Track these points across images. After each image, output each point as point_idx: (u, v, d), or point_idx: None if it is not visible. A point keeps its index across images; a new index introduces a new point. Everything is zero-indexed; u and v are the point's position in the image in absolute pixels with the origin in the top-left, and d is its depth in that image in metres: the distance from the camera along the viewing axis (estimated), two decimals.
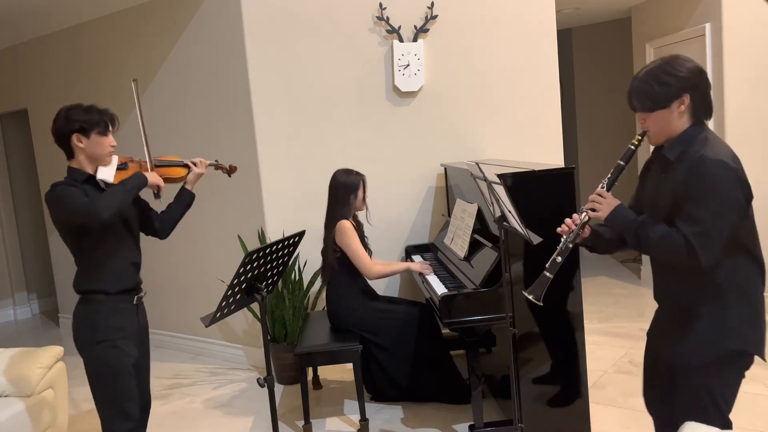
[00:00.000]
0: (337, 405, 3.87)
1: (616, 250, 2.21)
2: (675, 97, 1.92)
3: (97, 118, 2.50)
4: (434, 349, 3.63)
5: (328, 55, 4.31)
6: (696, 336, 1.96)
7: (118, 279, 2.56)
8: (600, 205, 2.02)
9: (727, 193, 1.83)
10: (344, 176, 3.68)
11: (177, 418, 3.87)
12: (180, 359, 4.91)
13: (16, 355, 3.21)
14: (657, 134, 2.00)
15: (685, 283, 1.98)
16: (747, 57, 4.62)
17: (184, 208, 2.83)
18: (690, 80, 1.92)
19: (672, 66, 1.93)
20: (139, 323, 2.67)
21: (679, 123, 1.95)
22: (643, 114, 1.99)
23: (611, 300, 5.43)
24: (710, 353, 1.94)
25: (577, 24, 7.07)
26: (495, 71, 4.43)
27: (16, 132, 6.54)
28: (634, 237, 1.97)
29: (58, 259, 6.03)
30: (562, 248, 2.05)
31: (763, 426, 3.13)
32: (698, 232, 1.82)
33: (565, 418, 3.04)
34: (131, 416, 2.56)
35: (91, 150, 2.51)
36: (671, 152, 1.96)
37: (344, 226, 3.58)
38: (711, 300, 1.94)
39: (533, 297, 2.08)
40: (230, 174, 3.08)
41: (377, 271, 3.62)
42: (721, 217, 1.82)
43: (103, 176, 2.54)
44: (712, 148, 1.89)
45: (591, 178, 7.24)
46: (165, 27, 4.68)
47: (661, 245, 1.90)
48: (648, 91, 1.94)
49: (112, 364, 2.53)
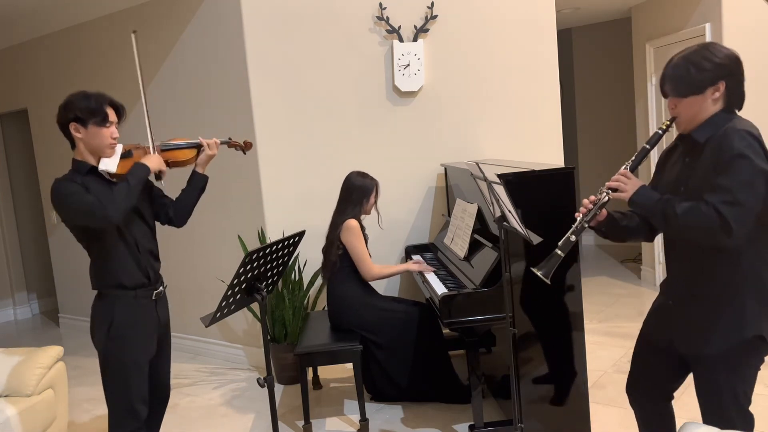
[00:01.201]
0: (337, 405, 3.87)
1: (629, 238, 2.17)
2: (710, 84, 1.89)
3: (95, 107, 2.39)
4: (434, 349, 3.63)
5: (328, 55, 4.31)
6: (718, 325, 1.93)
7: (133, 272, 2.49)
8: (625, 185, 1.96)
9: (754, 161, 1.78)
10: (360, 179, 3.68)
11: (177, 418, 3.87)
12: (180, 359, 4.90)
13: (15, 355, 3.21)
14: (688, 120, 1.95)
15: (710, 272, 1.94)
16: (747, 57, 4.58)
17: (198, 193, 2.72)
18: (728, 67, 1.89)
19: (710, 51, 1.89)
20: (159, 318, 2.60)
21: (711, 110, 1.92)
22: (676, 99, 1.94)
23: (611, 300, 5.43)
24: (732, 342, 1.91)
25: (577, 24, 7.07)
26: (495, 71, 4.43)
27: (16, 132, 6.54)
28: (660, 215, 1.90)
29: (58, 259, 6.03)
30: (578, 227, 2.00)
31: (763, 426, 3.12)
32: (727, 200, 1.76)
33: (565, 418, 3.04)
34: (139, 416, 2.51)
35: (89, 141, 2.42)
36: (701, 135, 1.92)
37: (352, 224, 3.59)
38: (734, 289, 1.91)
39: (542, 273, 2.01)
40: (245, 151, 2.92)
41: (376, 273, 3.63)
42: (750, 186, 1.76)
43: (105, 167, 2.45)
44: (736, 121, 1.88)
45: (591, 178, 7.25)
46: (165, 27, 4.68)
47: (690, 219, 1.82)
48: (683, 76, 1.90)
49: (124, 360, 2.47)
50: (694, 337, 1.99)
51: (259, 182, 4.32)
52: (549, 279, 2.02)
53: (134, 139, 2.81)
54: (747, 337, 1.90)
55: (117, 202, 2.33)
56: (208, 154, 2.72)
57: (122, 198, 2.35)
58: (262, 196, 4.33)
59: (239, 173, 4.40)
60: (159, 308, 2.61)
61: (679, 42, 5.09)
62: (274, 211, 4.34)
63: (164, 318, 2.65)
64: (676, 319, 2.07)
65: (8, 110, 6.23)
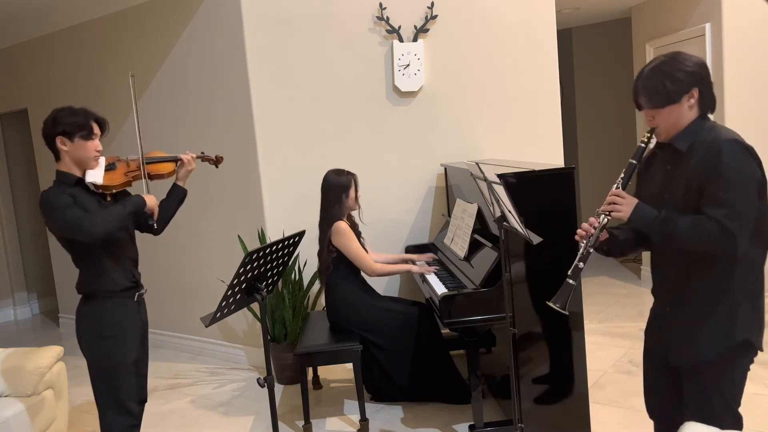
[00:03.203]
0: (337, 405, 3.87)
1: (630, 252, 2.20)
2: (686, 92, 1.94)
3: (82, 122, 2.50)
4: (434, 349, 3.62)
5: (328, 55, 4.31)
6: (709, 331, 1.96)
7: (119, 278, 2.60)
8: (621, 206, 1.98)
9: (748, 170, 1.85)
10: (335, 176, 3.68)
11: (177, 418, 3.87)
12: (180, 359, 4.90)
13: (16, 355, 3.21)
14: (667, 129, 1.99)
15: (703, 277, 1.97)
16: (747, 57, 4.62)
17: (176, 204, 2.85)
18: (699, 74, 1.94)
19: (679, 61, 1.95)
20: (141, 320, 2.71)
21: (689, 116, 1.97)
22: (652, 111, 1.98)
23: (611, 300, 5.43)
24: (722, 347, 1.94)
25: (577, 24, 7.07)
26: (495, 71, 4.43)
27: (16, 132, 6.54)
28: (659, 233, 1.94)
29: (58, 259, 6.03)
30: (583, 253, 2.01)
31: (763, 426, 3.12)
32: (730, 214, 1.82)
33: (565, 418, 3.04)
34: (132, 412, 2.61)
35: (74, 153, 2.53)
36: (682, 143, 1.97)
37: (340, 227, 3.58)
38: (727, 293, 1.94)
39: (558, 306, 2.01)
40: (217, 165, 3.04)
41: (378, 269, 3.62)
42: (747, 196, 1.83)
43: (92, 179, 2.56)
44: (721, 131, 1.93)
45: (591, 178, 7.24)
46: (165, 27, 4.68)
47: (693, 235, 1.86)
48: (658, 88, 1.94)
49: (115, 360, 2.57)
50: (684, 347, 2.02)
51: (259, 182, 4.32)
52: (566, 309, 2.02)
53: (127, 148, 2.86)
54: (737, 341, 1.94)
55: (107, 222, 2.45)
56: (187, 169, 2.84)
57: (113, 219, 2.47)
58: (262, 196, 4.33)
59: (239, 173, 4.40)
60: (141, 310, 2.73)
61: (679, 42, 5.09)
62: (274, 211, 4.34)
63: (145, 320, 2.77)
64: (670, 325, 2.09)
65: (8, 110, 6.23)
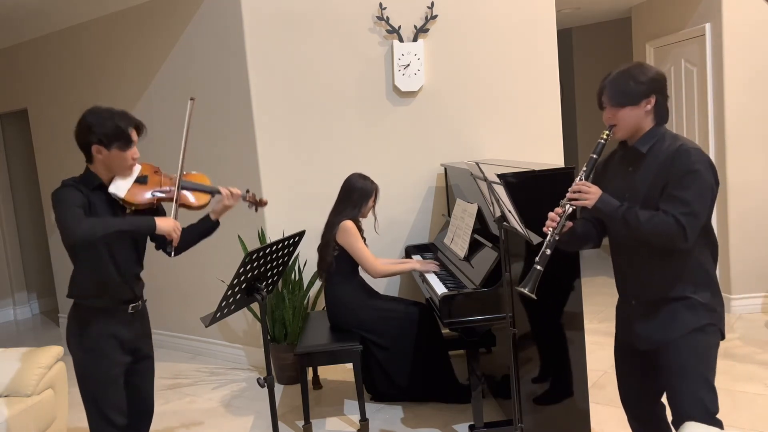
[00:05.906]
0: (337, 405, 3.87)
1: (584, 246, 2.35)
2: (645, 96, 2.10)
3: (119, 132, 2.36)
4: (434, 349, 3.62)
5: (328, 55, 4.31)
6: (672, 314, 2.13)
7: (114, 290, 2.47)
8: (587, 194, 2.12)
9: (706, 177, 2.02)
10: (361, 181, 3.68)
11: (177, 418, 3.87)
12: (180, 359, 4.91)
13: (16, 355, 3.21)
14: (625, 129, 2.16)
15: (664, 271, 2.13)
16: (747, 57, 4.62)
17: (200, 236, 2.65)
18: (659, 83, 2.12)
19: (644, 68, 2.14)
20: (135, 331, 2.56)
21: (645, 121, 2.14)
22: (613, 109, 2.14)
23: (611, 300, 5.38)
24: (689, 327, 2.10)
25: (577, 24, 7.07)
26: (495, 71, 4.43)
27: (16, 132, 6.53)
28: (622, 221, 2.08)
29: (58, 259, 6.03)
30: (550, 240, 2.14)
31: (763, 426, 3.13)
32: (686, 212, 2.00)
33: (565, 418, 3.04)
34: (114, 423, 2.49)
35: (109, 162, 2.40)
36: (643, 145, 2.14)
37: (348, 225, 3.58)
38: (685, 284, 2.11)
39: (527, 290, 2.13)
40: (257, 209, 2.74)
41: (382, 269, 3.62)
42: (703, 198, 2.01)
43: (115, 190, 2.42)
44: (685, 140, 2.11)
45: None
46: (165, 27, 4.68)
47: (652, 226, 2.03)
48: (622, 87, 2.11)
49: (96, 373, 2.46)
50: (651, 330, 2.17)
51: (259, 182, 4.32)
52: (534, 294, 2.14)
53: None
54: (702, 324, 2.10)
55: (93, 229, 2.25)
56: (225, 204, 2.61)
57: (99, 229, 2.27)
58: (262, 195, 4.32)
59: (239, 173, 4.40)
60: (136, 321, 2.57)
61: (679, 42, 5.09)
62: (274, 211, 4.34)
63: (143, 330, 2.62)
64: (637, 314, 2.23)
65: (8, 110, 6.23)
